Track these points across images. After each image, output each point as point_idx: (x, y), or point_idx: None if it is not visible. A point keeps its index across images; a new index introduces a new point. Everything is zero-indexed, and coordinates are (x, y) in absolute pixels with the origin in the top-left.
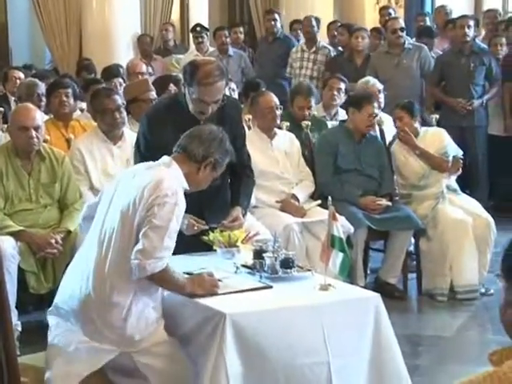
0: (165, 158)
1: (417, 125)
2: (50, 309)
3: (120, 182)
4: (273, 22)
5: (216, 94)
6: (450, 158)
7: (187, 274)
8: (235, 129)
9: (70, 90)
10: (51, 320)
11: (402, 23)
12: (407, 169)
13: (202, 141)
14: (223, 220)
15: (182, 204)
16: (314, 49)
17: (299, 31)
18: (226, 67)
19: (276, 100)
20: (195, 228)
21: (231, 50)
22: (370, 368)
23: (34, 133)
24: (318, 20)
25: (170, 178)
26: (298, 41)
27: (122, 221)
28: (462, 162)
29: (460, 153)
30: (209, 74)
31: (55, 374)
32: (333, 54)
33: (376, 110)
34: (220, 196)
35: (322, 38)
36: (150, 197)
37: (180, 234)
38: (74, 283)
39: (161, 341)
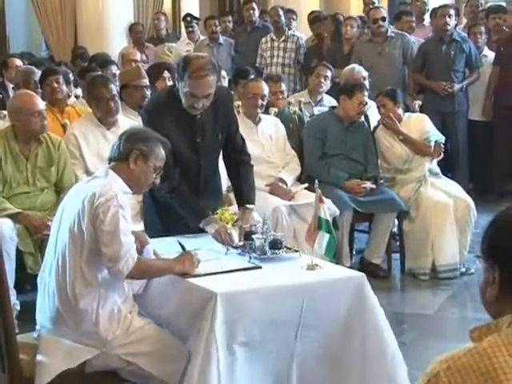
0: (101, 169)
1: (400, 111)
2: (37, 328)
3: (66, 200)
4: (251, 11)
5: (206, 87)
6: (432, 143)
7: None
8: (228, 116)
9: (60, 77)
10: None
11: (383, 13)
12: (391, 153)
13: (123, 142)
14: (218, 205)
15: (126, 206)
16: (283, 37)
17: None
18: (218, 62)
19: (265, 90)
20: (222, 238)
21: (221, 39)
22: (352, 343)
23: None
24: (284, 9)
25: (106, 185)
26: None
27: (70, 236)
28: (443, 146)
29: (442, 138)
30: (200, 68)
31: (38, 360)
32: (302, 41)
33: (366, 99)
34: (213, 183)
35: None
36: (92, 207)
37: (173, 214)
38: (44, 301)
39: (137, 327)
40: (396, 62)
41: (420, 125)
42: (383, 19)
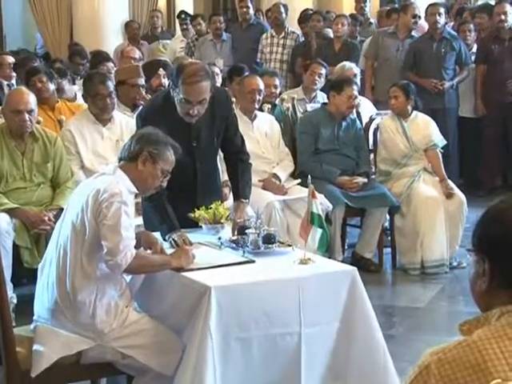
0: (109, 167)
1: (409, 107)
2: (34, 318)
3: (73, 195)
4: (245, 9)
5: (200, 93)
6: (438, 150)
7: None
8: (226, 119)
9: (42, 75)
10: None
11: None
12: (392, 144)
13: (134, 142)
14: (215, 201)
15: (130, 203)
16: (283, 34)
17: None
18: (211, 70)
19: (261, 85)
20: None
21: (224, 35)
22: (344, 336)
23: (26, 116)
24: (285, 7)
25: (112, 182)
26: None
27: (73, 229)
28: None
29: (444, 142)
30: (193, 74)
31: (35, 350)
32: (301, 38)
33: (355, 93)
34: (211, 182)
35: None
36: (96, 202)
37: (167, 209)
38: (43, 292)
39: (133, 321)
40: None
41: (425, 128)
42: (420, 17)
